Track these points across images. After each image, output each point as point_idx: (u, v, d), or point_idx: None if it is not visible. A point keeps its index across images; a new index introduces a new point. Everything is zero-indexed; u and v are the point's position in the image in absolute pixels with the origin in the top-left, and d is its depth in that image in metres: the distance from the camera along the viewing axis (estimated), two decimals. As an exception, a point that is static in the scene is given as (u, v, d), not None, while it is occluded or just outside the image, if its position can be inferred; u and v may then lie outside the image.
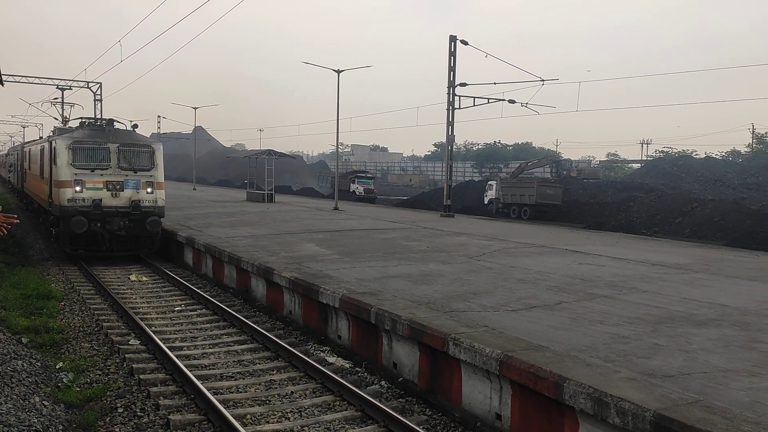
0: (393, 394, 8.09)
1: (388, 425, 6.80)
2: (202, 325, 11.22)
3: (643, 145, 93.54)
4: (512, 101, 30.49)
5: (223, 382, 8.27)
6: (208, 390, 7.52)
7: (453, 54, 28.19)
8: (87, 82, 41.93)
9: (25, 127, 75.97)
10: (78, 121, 20.23)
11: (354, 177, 54.05)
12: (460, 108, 28.87)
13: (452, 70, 28.25)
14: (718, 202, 33.11)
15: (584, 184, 52.66)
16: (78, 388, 7.94)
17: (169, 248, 18.95)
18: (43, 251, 19.01)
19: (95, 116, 31.97)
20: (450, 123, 28.59)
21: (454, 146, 29.97)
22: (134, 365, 8.75)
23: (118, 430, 6.75)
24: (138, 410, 7.26)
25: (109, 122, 19.05)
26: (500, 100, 30.32)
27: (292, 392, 7.93)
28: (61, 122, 26.87)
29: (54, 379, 8.23)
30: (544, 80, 28.64)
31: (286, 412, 7.25)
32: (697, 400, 5.47)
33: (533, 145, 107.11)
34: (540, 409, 6.37)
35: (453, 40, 28.16)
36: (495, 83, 42.48)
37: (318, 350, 9.92)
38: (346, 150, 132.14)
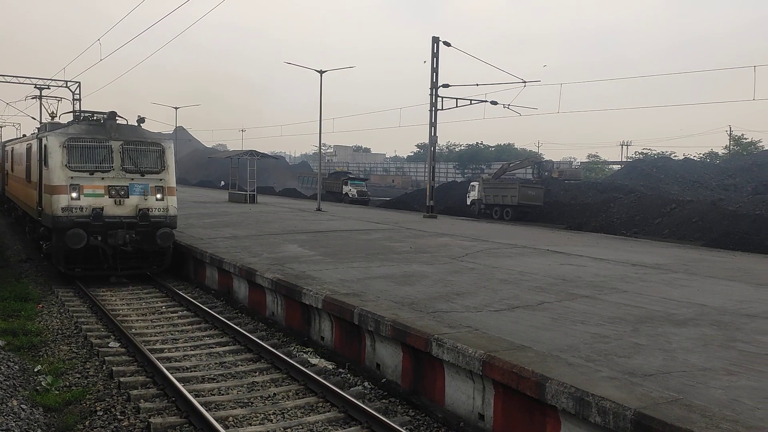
0: (376, 395, 8.09)
1: (372, 426, 6.79)
2: (184, 327, 11.12)
3: (623, 146, 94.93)
4: (494, 102, 30.79)
5: (205, 384, 8.20)
6: (190, 392, 7.45)
7: (436, 55, 28.32)
8: (66, 81, 41.44)
9: (2, 127, 74.68)
10: (71, 115, 17.31)
11: (347, 179, 54.05)
12: (442, 109, 29.08)
13: (435, 71, 28.37)
14: (696, 203, 33.55)
15: (565, 185, 52.99)
16: (57, 392, 7.82)
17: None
18: (20, 252, 18.71)
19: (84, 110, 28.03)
20: (433, 124, 28.69)
21: (437, 147, 30.05)
22: (114, 368, 8.64)
23: (97, 433, 6.66)
24: (118, 413, 7.17)
25: (110, 115, 15.50)
26: (483, 101, 30.61)
27: (274, 394, 7.89)
28: (49, 118, 23.03)
29: (32, 382, 8.10)
30: (525, 82, 28.94)
31: (269, 414, 7.21)
32: (676, 398, 5.54)
33: (515, 146, 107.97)
34: (522, 408, 6.41)
35: (436, 41, 28.29)
36: (477, 84, 43.19)
37: (301, 352, 9.88)
38: (328, 151, 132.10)
